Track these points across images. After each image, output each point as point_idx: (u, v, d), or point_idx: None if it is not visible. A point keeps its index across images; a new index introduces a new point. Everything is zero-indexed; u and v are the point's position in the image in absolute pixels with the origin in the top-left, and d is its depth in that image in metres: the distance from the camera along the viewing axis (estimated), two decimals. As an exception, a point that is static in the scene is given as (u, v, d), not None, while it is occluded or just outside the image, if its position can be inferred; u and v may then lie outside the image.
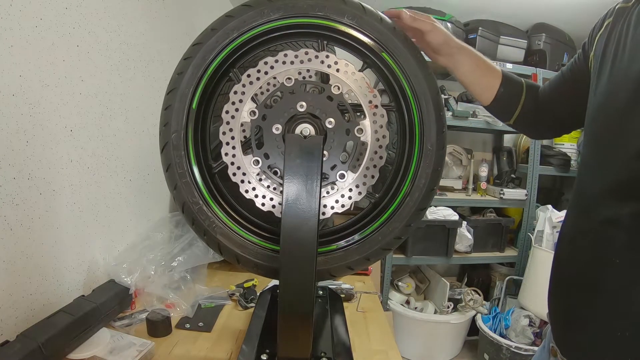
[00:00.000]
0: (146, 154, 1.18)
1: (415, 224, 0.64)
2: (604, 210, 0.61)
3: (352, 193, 0.63)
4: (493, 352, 2.05)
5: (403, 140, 0.67)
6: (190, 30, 1.44)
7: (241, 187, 0.63)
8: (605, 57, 0.66)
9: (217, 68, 0.63)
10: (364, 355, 0.88)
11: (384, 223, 0.64)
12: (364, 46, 0.65)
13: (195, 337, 0.92)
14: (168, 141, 0.62)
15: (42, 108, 0.78)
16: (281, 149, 0.61)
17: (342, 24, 0.63)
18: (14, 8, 0.70)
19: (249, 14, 0.62)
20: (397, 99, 0.66)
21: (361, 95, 0.63)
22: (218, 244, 0.64)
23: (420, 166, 0.63)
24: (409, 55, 0.63)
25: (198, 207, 0.63)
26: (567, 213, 0.73)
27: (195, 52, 0.62)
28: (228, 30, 0.62)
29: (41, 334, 0.70)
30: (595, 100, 0.66)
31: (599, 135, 0.65)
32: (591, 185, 0.65)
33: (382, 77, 0.67)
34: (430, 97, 0.63)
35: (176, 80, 0.63)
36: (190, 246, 1.14)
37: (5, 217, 0.70)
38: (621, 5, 0.68)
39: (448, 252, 2.34)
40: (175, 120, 0.62)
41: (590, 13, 2.18)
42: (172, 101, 0.62)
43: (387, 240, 0.64)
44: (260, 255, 0.64)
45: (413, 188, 0.63)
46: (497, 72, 0.81)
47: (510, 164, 2.66)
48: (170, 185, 0.63)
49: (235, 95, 0.62)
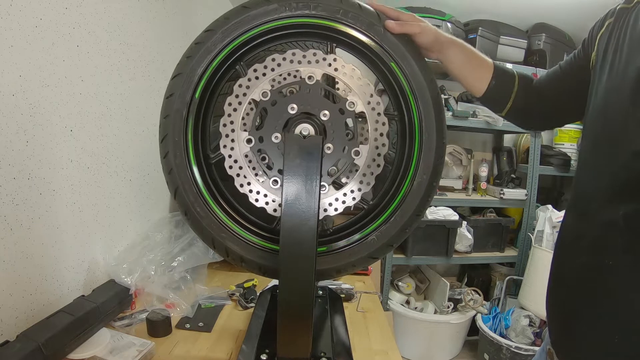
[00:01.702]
0: (146, 154, 1.18)
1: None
2: (602, 211, 0.60)
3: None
4: (493, 352, 2.05)
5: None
6: (191, 30, 1.44)
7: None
8: (605, 57, 0.66)
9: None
10: (364, 355, 0.88)
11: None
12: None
13: (195, 337, 0.92)
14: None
15: (42, 108, 0.78)
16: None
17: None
18: (14, 8, 0.70)
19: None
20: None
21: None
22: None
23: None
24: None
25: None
26: (565, 214, 0.73)
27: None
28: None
29: (41, 334, 0.70)
30: (595, 100, 0.66)
31: (598, 135, 0.65)
32: (590, 186, 0.65)
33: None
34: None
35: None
36: (190, 246, 1.14)
37: (5, 217, 0.70)
38: (622, 6, 0.68)
39: (448, 252, 2.34)
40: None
41: (590, 13, 2.17)
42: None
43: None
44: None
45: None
46: (489, 65, 0.82)
47: (510, 164, 2.66)
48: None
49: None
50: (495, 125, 2.34)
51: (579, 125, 2.56)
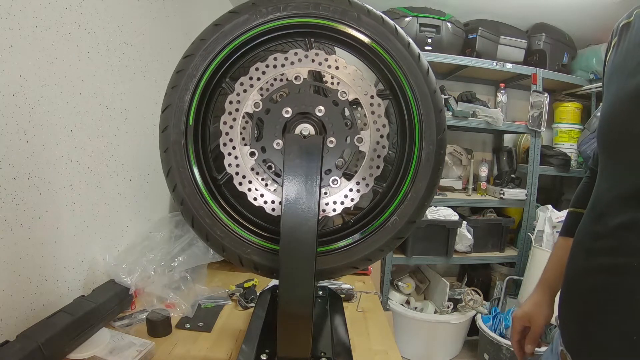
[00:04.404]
0: (146, 154, 1.18)
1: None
2: (620, 215, 0.60)
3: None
4: (493, 352, 2.05)
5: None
6: (191, 30, 1.44)
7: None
8: (613, 71, 0.67)
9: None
10: (364, 355, 0.88)
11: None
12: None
13: (195, 337, 0.92)
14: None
15: (42, 108, 0.78)
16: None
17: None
18: (14, 8, 0.70)
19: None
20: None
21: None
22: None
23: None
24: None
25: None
26: (582, 220, 0.72)
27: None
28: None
29: (41, 334, 0.70)
30: (604, 108, 0.67)
31: (611, 142, 0.65)
32: (607, 191, 0.65)
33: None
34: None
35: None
36: (190, 246, 1.14)
37: (5, 217, 0.70)
38: (625, 22, 0.68)
39: (448, 252, 2.34)
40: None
41: (590, 13, 2.18)
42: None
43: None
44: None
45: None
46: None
47: (510, 164, 2.66)
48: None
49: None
50: (495, 125, 2.34)
51: (579, 125, 2.56)
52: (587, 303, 0.66)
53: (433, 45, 2.27)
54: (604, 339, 0.62)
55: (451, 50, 2.32)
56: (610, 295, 0.61)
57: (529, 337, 0.88)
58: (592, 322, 0.64)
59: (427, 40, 2.26)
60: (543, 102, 2.34)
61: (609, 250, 0.62)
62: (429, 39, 2.26)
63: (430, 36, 2.26)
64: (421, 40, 2.24)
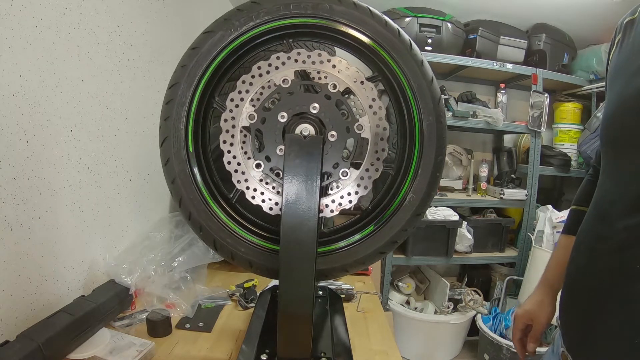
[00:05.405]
0: (146, 154, 1.18)
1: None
2: (625, 218, 0.60)
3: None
4: (493, 352, 2.04)
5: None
6: (191, 30, 1.44)
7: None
8: (616, 69, 0.66)
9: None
10: (364, 356, 0.88)
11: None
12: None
13: (195, 337, 0.92)
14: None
15: (42, 108, 0.78)
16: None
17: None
18: (14, 8, 0.70)
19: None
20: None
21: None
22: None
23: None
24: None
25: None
26: (585, 220, 0.72)
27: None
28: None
29: (41, 334, 0.69)
30: (608, 107, 0.66)
31: (614, 141, 0.65)
32: (611, 191, 0.64)
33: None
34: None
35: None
36: (190, 246, 1.14)
37: (5, 217, 0.70)
38: (629, 19, 0.67)
39: (448, 252, 2.34)
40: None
41: (591, 13, 2.17)
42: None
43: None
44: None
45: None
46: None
47: (510, 164, 2.66)
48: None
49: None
50: (495, 126, 2.34)
51: (580, 126, 2.56)
52: (589, 304, 0.65)
53: (433, 45, 2.27)
54: (605, 340, 0.61)
55: (451, 50, 2.32)
56: (613, 297, 0.61)
57: (531, 336, 0.88)
58: (593, 324, 0.64)
59: (428, 41, 2.26)
60: (543, 102, 2.34)
61: (613, 251, 0.62)
62: (429, 39, 2.26)
63: (431, 36, 2.26)
64: (421, 41, 2.24)
